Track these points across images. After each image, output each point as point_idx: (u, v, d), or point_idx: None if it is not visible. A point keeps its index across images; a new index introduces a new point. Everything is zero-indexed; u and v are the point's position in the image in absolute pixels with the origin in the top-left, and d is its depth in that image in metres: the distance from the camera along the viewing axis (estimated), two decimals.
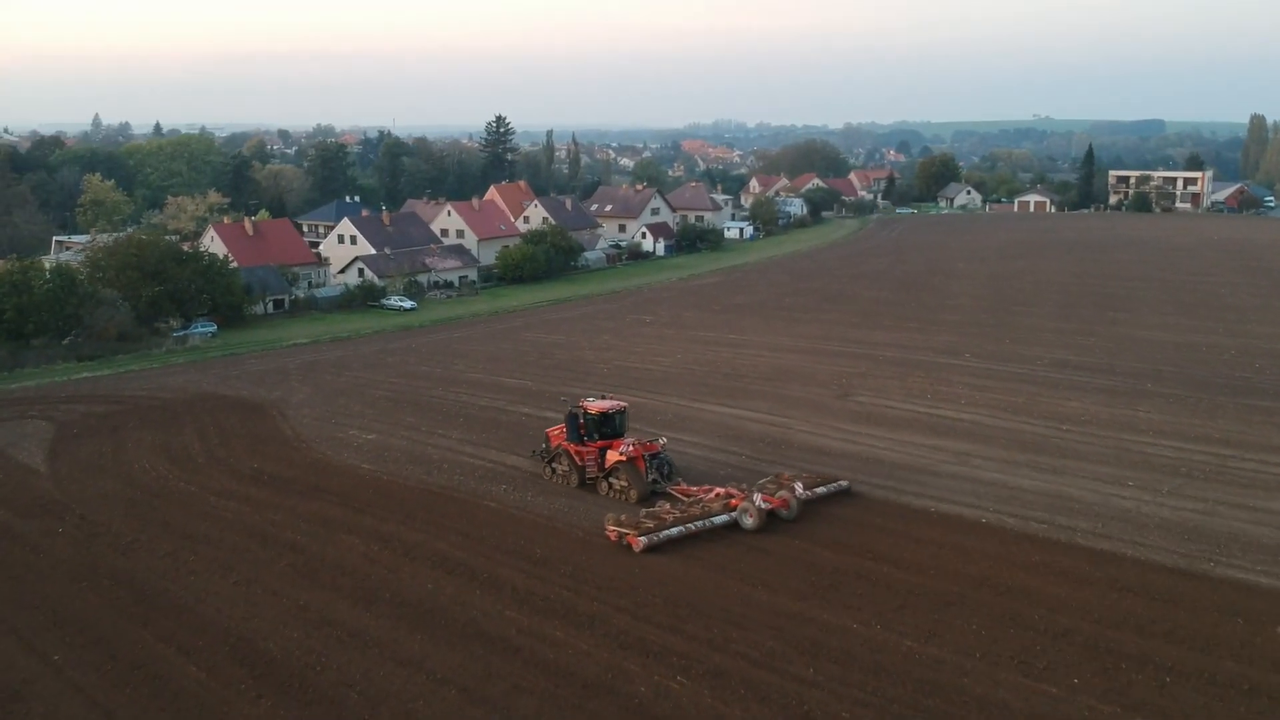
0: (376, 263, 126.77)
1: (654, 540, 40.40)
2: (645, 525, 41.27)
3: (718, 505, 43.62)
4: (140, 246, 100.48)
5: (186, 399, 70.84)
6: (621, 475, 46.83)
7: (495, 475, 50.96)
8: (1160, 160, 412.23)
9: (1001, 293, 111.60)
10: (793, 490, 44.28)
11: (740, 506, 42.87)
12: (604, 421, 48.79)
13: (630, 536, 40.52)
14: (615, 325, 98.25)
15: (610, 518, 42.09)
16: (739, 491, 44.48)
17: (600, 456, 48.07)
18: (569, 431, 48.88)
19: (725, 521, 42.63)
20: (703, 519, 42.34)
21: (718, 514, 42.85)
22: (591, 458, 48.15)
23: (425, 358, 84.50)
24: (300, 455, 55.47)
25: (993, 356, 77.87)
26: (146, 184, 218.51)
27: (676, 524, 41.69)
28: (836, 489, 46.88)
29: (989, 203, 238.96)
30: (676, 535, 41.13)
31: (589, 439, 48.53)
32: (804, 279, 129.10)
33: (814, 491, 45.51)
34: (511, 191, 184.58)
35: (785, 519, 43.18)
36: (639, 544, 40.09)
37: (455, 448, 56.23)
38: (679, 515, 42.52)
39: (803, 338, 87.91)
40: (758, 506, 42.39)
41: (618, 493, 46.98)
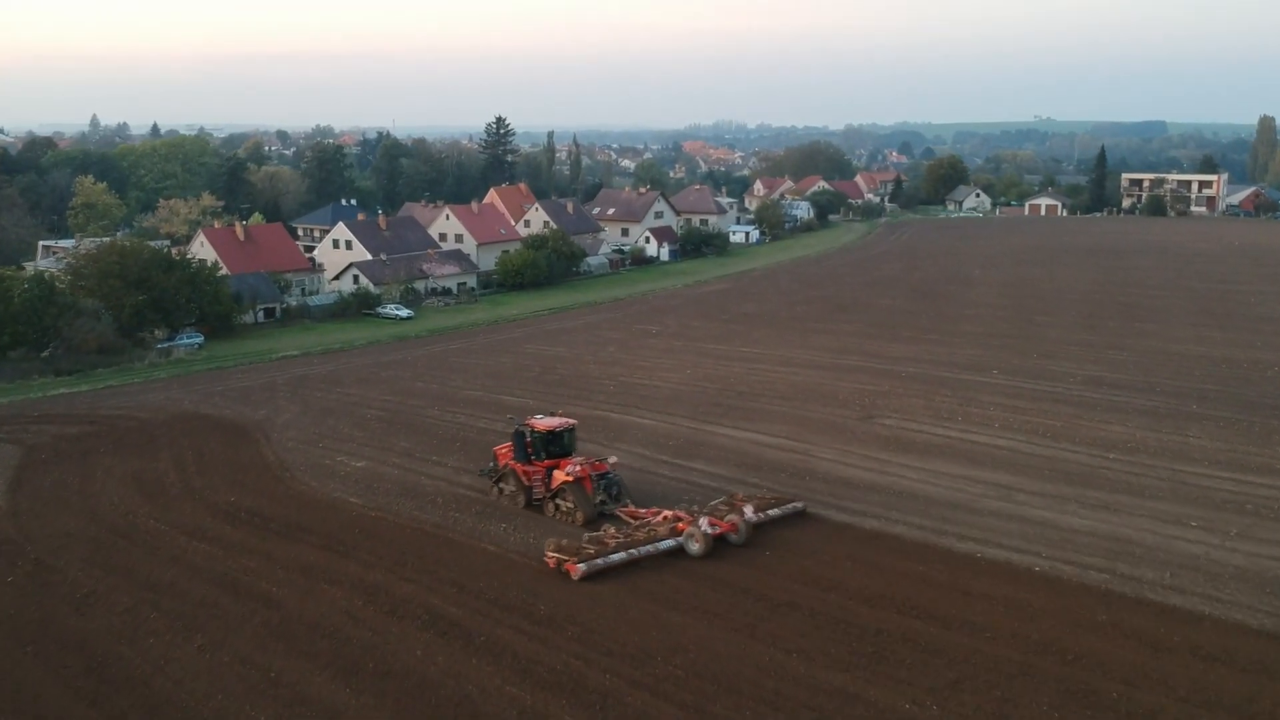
0: (372, 269, 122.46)
1: (594, 568, 38.38)
2: (586, 551, 39.33)
3: (664, 530, 41.56)
4: (123, 253, 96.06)
5: (165, 419, 66.44)
6: (568, 496, 44.80)
7: (494, 511, 46.52)
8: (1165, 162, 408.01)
9: (1021, 302, 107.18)
10: (742, 513, 42.17)
11: (687, 532, 40.78)
12: (551, 440, 46.75)
13: (569, 564, 38.52)
14: (620, 336, 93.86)
15: (551, 542, 40.02)
16: (688, 515, 42.53)
17: (547, 476, 46.01)
18: (516, 450, 46.96)
19: (671, 547, 40.56)
20: (648, 544, 40.31)
21: (664, 539, 40.86)
22: (539, 477, 46.19)
23: (421, 372, 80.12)
24: (282, 487, 51.04)
25: (1021, 373, 73.46)
26: (140, 186, 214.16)
27: (619, 549, 39.70)
28: (791, 510, 44.80)
29: (999, 206, 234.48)
30: (618, 562, 39.11)
31: (536, 458, 46.50)
32: (814, 286, 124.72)
33: (766, 514, 43.56)
34: (511, 194, 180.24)
35: (734, 544, 41.23)
36: (577, 571, 38.13)
37: (451, 477, 51.81)
38: (622, 540, 40.57)
39: (818, 350, 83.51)
40: (703, 532, 40.26)
41: (564, 515, 44.96)
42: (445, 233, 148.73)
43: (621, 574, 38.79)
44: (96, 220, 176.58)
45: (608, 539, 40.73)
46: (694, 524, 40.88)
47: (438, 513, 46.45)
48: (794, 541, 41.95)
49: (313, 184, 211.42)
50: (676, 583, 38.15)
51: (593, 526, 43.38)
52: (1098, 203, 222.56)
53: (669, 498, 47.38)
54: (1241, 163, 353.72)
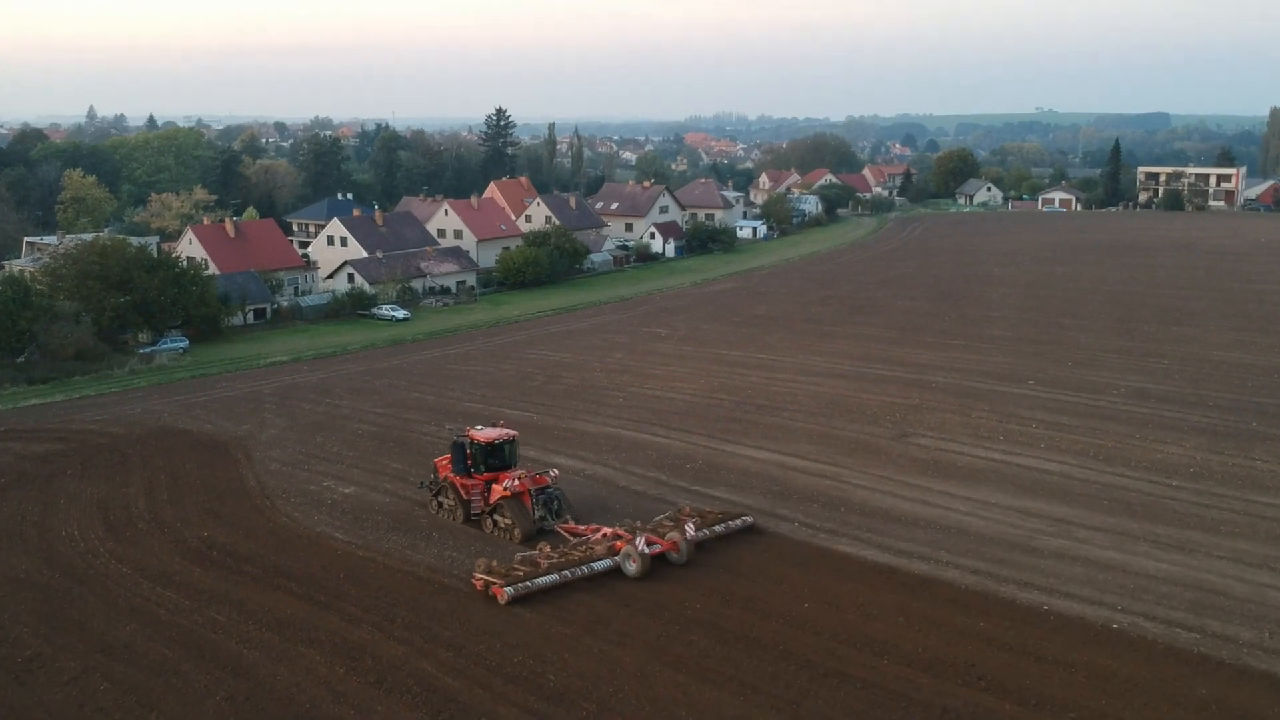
0: (368, 267, 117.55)
1: (522, 590, 36.25)
2: (516, 573, 37.20)
3: (601, 549, 39.30)
4: (104, 253, 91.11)
5: (141, 435, 61.58)
6: (506, 512, 42.75)
7: (497, 550, 41.65)
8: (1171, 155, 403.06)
9: (1047, 304, 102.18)
10: (683, 531, 39.91)
11: (623, 551, 38.53)
12: (492, 452, 44.62)
13: (495, 587, 36.40)
14: (628, 340, 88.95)
15: (480, 563, 37.93)
16: (627, 533, 40.14)
17: (487, 490, 43.91)
18: (455, 463, 44.85)
19: (608, 567, 38.34)
20: (583, 564, 38.16)
21: (600, 558, 38.63)
22: (478, 491, 44.06)
23: (417, 381, 75.25)
24: (261, 519, 46.15)
25: (1060, 384, 68.54)
26: (132, 180, 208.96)
27: (551, 570, 37.56)
28: (741, 526, 42.74)
29: (1010, 200, 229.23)
30: (548, 585, 36.93)
31: (476, 471, 44.35)
32: (828, 285, 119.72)
33: (712, 530, 41.53)
34: (512, 188, 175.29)
35: (675, 563, 39.10)
36: (504, 595, 36.06)
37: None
38: (556, 560, 38.41)
39: (839, 357, 78.61)
40: (640, 551, 37.99)
41: (502, 531, 42.97)
42: (444, 228, 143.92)
43: (627, 623, 33.96)
44: (86, 215, 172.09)
45: (540, 559, 38.52)
46: (631, 543, 38.39)
47: (432, 551, 41.60)
48: (835, 591, 37.10)
49: (309, 177, 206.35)
50: (706, 645, 33.29)
51: (531, 544, 40.97)
52: (1112, 197, 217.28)
53: None
54: (1250, 155, 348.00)
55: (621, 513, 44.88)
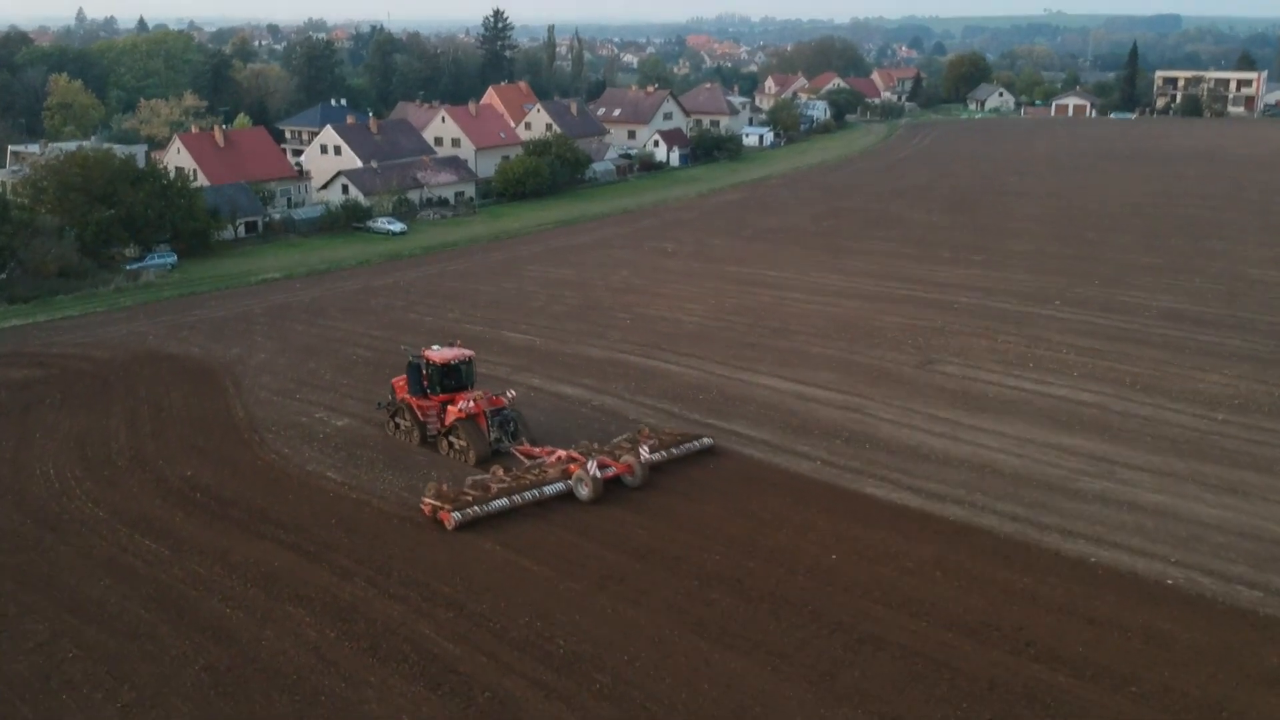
0: (362, 178, 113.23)
1: (470, 515, 35.57)
2: (465, 498, 36.31)
3: (554, 472, 38.65)
4: (86, 164, 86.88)
5: (124, 360, 58.54)
6: (460, 434, 41.80)
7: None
8: (1183, 58, 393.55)
9: (1069, 216, 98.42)
10: (638, 454, 39.10)
11: (576, 475, 37.90)
12: (448, 373, 43.71)
13: (443, 512, 35.64)
14: (632, 256, 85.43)
15: (430, 487, 36.99)
16: (581, 455, 39.47)
17: (442, 412, 43.04)
18: (411, 384, 43.93)
19: (560, 491, 37.70)
20: (534, 488, 37.48)
21: (553, 481, 37.97)
22: (434, 413, 43.28)
23: (414, 300, 72.00)
24: (249, 455, 43.32)
25: (1087, 304, 65.35)
26: (120, 85, 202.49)
27: (501, 495, 36.79)
28: (700, 448, 41.98)
29: (1023, 106, 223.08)
30: (498, 510, 36.24)
31: (432, 392, 43.51)
32: (840, 196, 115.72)
33: (669, 452, 40.83)
34: (511, 94, 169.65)
35: (630, 485, 38.56)
36: (451, 521, 35.39)
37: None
38: (506, 485, 37.56)
39: (854, 275, 75.28)
40: (592, 475, 37.39)
41: (458, 453, 42.06)
42: (441, 136, 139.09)
43: (643, 579, 31.34)
44: (73, 122, 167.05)
45: (492, 483, 37.70)
46: (584, 466, 37.79)
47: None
48: (865, 540, 34.40)
49: (302, 83, 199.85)
50: (729, 606, 30.66)
51: (485, 466, 40.12)
52: (1128, 102, 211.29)
53: (705, 473, 39.88)
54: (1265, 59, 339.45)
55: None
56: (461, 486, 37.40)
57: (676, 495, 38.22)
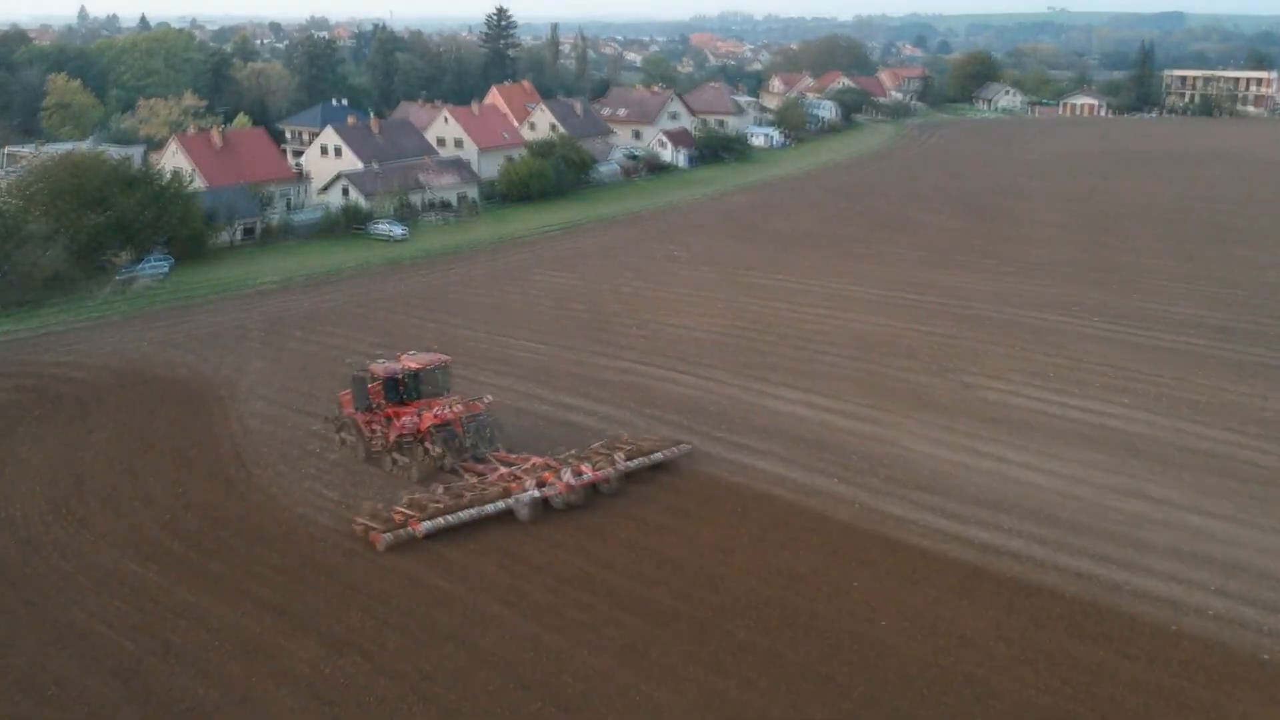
0: (363, 179, 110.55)
1: (401, 537, 34.69)
2: (398, 518, 35.47)
3: (496, 490, 37.61)
4: (78, 167, 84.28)
5: (110, 377, 55.98)
6: (404, 450, 41.19)
7: (522, 539, 36.28)
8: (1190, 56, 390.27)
9: (1089, 220, 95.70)
10: (577, 475, 38.16)
11: (515, 495, 36.94)
12: (392, 387, 42.46)
13: (374, 534, 34.78)
14: (640, 262, 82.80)
15: (366, 506, 36.56)
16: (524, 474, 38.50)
17: (387, 426, 42.05)
18: (356, 398, 43.23)
19: (500, 510, 36.71)
20: (473, 506, 36.49)
21: (493, 500, 36.95)
22: (379, 427, 42.36)
23: (415, 309, 69.42)
24: (235, 494, 40.57)
25: (1112, 313, 62.72)
26: (120, 84, 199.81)
27: (437, 515, 35.78)
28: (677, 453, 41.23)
29: (1033, 105, 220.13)
30: (431, 530, 35.26)
31: (378, 405, 42.40)
32: (851, 199, 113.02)
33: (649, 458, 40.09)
34: (514, 93, 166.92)
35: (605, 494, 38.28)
36: (381, 543, 34.58)
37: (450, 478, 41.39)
38: (443, 505, 36.42)
39: (869, 282, 72.63)
40: (530, 498, 36.72)
41: (402, 469, 41.29)
42: (443, 137, 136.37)
43: (669, 650, 28.67)
44: (72, 122, 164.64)
45: (429, 501, 36.81)
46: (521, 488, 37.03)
47: (434, 544, 36.01)
48: (915, 602, 31.66)
49: (303, 81, 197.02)
50: (768, 686, 28.00)
51: (428, 482, 39.52)
52: (1141, 102, 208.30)
53: (733, 519, 37.21)
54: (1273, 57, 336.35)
55: (652, 480, 39.63)
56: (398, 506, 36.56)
57: (699, 546, 35.43)
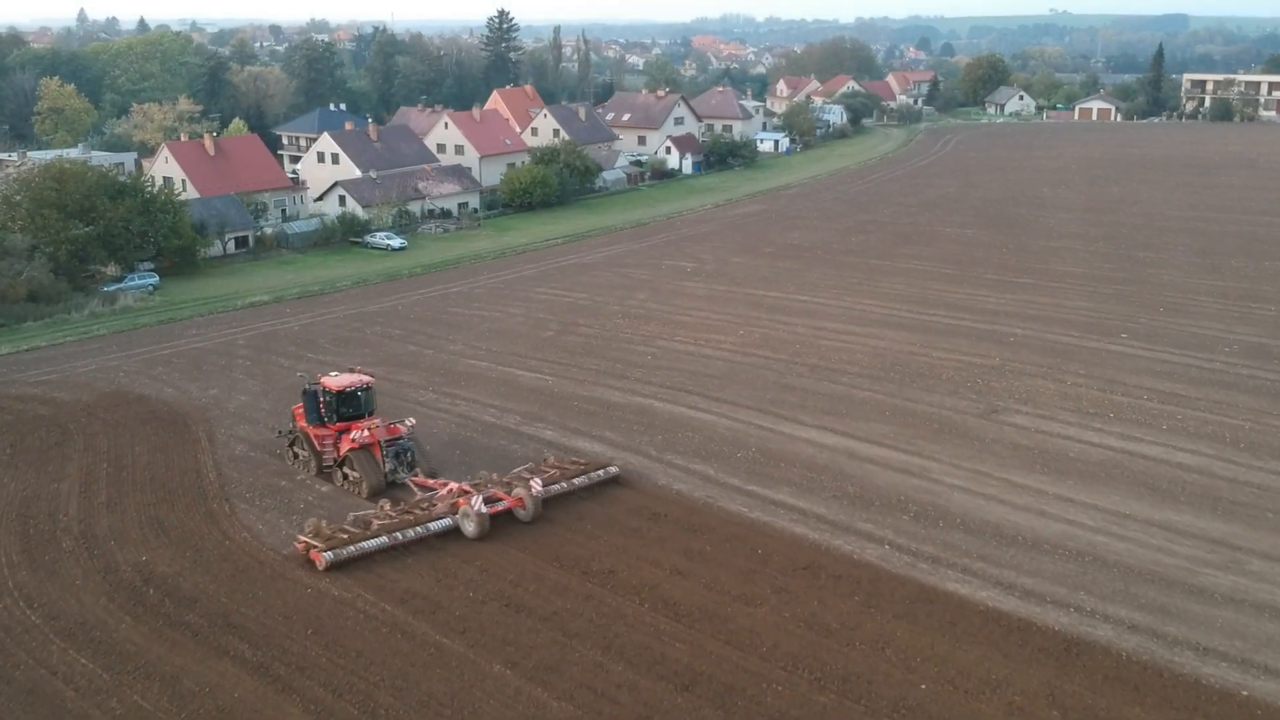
0: (360, 188, 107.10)
1: (342, 556, 33.55)
2: (340, 536, 34.43)
3: (443, 506, 36.80)
4: (62, 178, 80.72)
5: (89, 403, 52.40)
6: (354, 464, 40.08)
7: (521, 592, 32.70)
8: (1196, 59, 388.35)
9: (1114, 232, 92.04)
10: (529, 488, 37.03)
11: (462, 510, 35.97)
12: (344, 400, 41.83)
13: (314, 552, 33.63)
14: (649, 277, 79.18)
15: (310, 524, 35.16)
16: (472, 488, 37.44)
17: (339, 441, 41.24)
18: (308, 412, 42.15)
19: (446, 527, 35.90)
20: (419, 525, 35.63)
21: (440, 517, 36.14)
22: (330, 442, 41.53)
23: (413, 329, 65.83)
24: (216, 533, 37.05)
25: (1157, 337, 59.06)
26: (115, 89, 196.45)
27: (382, 533, 34.92)
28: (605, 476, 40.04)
29: (1045, 110, 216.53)
30: (375, 549, 34.30)
31: (329, 420, 41.67)
32: (865, 208, 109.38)
33: (571, 484, 38.95)
34: (516, 97, 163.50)
35: (522, 520, 36.75)
36: (322, 561, 33.41)
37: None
38: (387, 522, 35.68)
39: (892, 300, 69.00)
40: (478, 511, 35.46)
41: (351, 484, 40.38)
42: (444, 143, 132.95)
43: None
44: (65, 127, 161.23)
45: (374, 519, 36.00)
46: (470, 501, 35.75)
47: (430, 590, 32.57)
48: (959, 661, 28.16)
49: (301, 85, 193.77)
50: None
51: (378, 498, 38.39)
52: (1155, 106, 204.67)
53: (753, 561, 33.58)
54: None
55: (666, 518, 36.03)
56: (343, 523, 35.63)
57: (720, 595, 31.95)
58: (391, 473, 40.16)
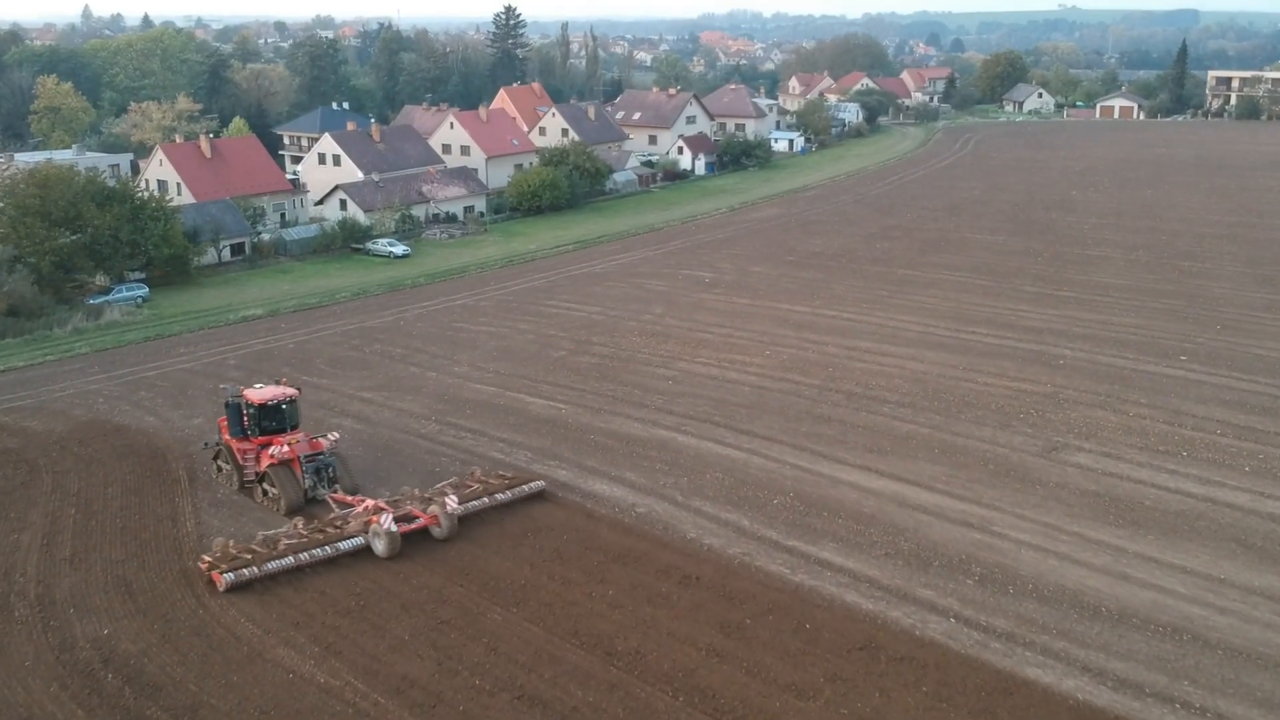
0: (362, 192, 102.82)
1: (244, 578, 32.82)
2: (244, 557, 33.52)
3: (355, 525, 35.82)
4: (46, 184, 76.44)
5: (63, 434, 48.14)
6: (272, 480, 39.18)
7: (536, 680, 28.39)
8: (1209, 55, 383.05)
9: (1154, 240, 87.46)
10: (444, 505, 36.22)
11: (372, 528, 35.02)
12: (266, 414, 40.59)
13: (215, 573, 32.92)
14: (666, 288, 74.81)
15: (218, 543, 34.55)
16: (389, 505, 36.51)
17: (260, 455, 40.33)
18: (231, 425, 41.10)
19: (357, 546, 35.03)
20: (329, 544, 34.72)
21: (352, 536, 35.24)
22: (253, 456, 40.61)
23: (415, 347, 61.49)
24: (189, 600, 32.69)
25: (1220, 360, 54.59)
26: (114, 87, 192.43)
27: (289, 553, 34.02)
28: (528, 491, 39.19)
29: (1065, 107, 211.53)
30: (279, 569, 33.47)
31: (252, 434, 40.67)
32: (887, 212, 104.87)
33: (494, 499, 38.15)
34: (524, 96, 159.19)
35: (438, 538, 35.97)
36: (223, 583, 32.77)
37: (448, 585, 33.45)
38: (295, 542, 34.71)
39: (928, 316, 64.57)
40: (387, 530, 34.70)
41: (272, 500, 39.42)
42: (449, 144, 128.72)
43: None
44: (62, 126, 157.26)
45: (283, 538, 34.99)
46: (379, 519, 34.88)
47: (430, 677, 28.25)
48: None
49: (304, 83, 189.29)
50: None
51: (296, 514, 37.55)
52: (1178, 104, 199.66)
53: (800, 640, 29.21)
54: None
55: (697, 582, 31.67)
56: (251, 541, 34.74)
57: (766, 684, 27.61)
58: (311, 489, 39.32)
